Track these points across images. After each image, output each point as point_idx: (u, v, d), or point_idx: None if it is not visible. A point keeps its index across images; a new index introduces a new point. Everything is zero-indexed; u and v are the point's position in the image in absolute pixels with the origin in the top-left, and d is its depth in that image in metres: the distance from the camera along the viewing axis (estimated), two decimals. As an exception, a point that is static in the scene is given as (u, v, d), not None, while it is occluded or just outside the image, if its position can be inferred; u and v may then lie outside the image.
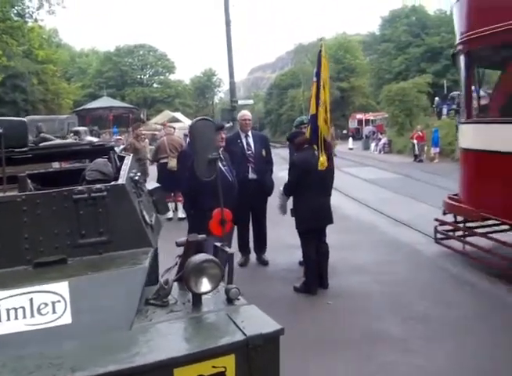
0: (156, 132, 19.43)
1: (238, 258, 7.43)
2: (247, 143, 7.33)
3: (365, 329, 5.18)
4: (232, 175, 5.88)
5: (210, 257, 2.52)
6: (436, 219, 8.19)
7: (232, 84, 23.06)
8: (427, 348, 4.75)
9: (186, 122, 30.07)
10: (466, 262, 7.25)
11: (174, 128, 12.24)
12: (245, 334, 2.21)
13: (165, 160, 10.80)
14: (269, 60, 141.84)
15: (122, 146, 12.45)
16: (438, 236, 8.00)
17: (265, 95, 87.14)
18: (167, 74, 71.19)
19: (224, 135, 5.83)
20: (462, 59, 7.60)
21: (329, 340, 4.95)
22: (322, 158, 6.09)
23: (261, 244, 7.64)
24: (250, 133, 7.43)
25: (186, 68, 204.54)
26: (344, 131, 49.41)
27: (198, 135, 2.96)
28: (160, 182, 10.27)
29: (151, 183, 4.04)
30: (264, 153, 7.43)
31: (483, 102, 7.78)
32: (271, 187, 7.44)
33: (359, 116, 51.65)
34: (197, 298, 2.50)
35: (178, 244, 2.70)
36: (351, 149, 36.37)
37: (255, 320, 2.38)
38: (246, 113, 7.67)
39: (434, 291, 6.35)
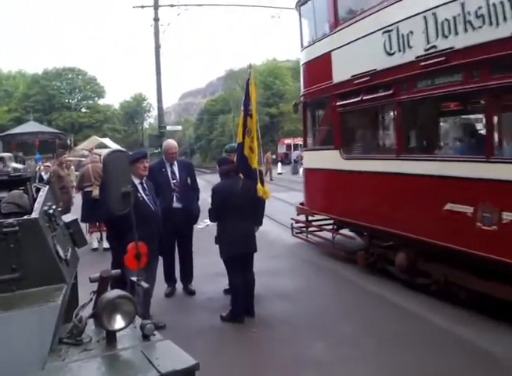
0: (83, 159, 19.00)
1: (164, 288, 7.34)
2: (172, 172, 7.18)
3: (291, 356, 5.22)
4: (156, 204, 5.78)
5: (124, 293, 2.49)
6: (292, 218, 11.16)
7: (160, 109, 22.97)
8: (354, 371, 4.85)
9: (115, 148, 29.66)
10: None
11: (100, 155, 11.97)
12: (159, 372, 2.19)
13: (90, 189, 10.36)
14: (200, 86, 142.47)
15: (50, 173, 12.10)
16: (294, 231, 11.03)
17: (195, 120, 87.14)
18: (96, 99, 70.22)
19: (147, 164, 5.76)
20: (301, 106, 10.73)
21: (255, 369, 4.95)
22: (265, 187, 6.38)
23: (187, 274, 7.53)
24: (175, 161, 7.30)
25: (116, 92, 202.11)
26: (274, 156, 49.99)
27: (111, 167, 2.92)
28: (84, 211, 10.06)
29: (68, 215, 3.94)
30: (189, 181, 7.32)
31: (312, 136, 11.00)
32: (197, 215, 7.41)
33: (288, 141, 52.36)
34: (111, 336, 2.46)
35: (92, 280, 2.65)
36: (280, 173, 36.83)
37: (170, 356, 2.36)
38: (172, 147, 7.31)
39: (357, 311, 6.52)
